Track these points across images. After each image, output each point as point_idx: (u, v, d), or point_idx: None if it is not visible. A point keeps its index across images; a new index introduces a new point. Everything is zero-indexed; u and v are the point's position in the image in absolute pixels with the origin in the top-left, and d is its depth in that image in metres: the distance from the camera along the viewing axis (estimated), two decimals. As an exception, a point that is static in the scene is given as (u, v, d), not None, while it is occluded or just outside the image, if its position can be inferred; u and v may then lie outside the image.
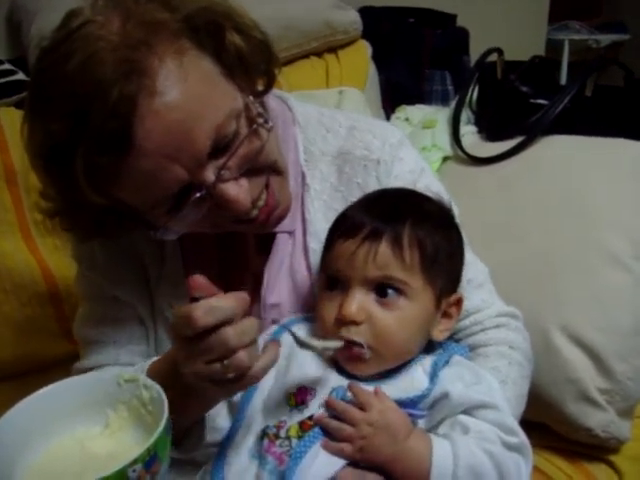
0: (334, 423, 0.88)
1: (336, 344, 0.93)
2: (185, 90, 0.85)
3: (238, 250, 1.13)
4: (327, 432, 0.89)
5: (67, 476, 0.77)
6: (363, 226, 0.94)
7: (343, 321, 0.93)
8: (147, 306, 1.15)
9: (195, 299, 0.81)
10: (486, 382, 0.95)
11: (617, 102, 1.61)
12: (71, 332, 1.26)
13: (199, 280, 0.83)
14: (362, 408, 0.88)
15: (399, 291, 0.94)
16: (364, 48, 2.06)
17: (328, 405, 0.90)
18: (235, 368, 0.81)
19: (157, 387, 0.84)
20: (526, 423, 1.01)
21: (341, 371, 0.97)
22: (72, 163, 0.85)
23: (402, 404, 0.90)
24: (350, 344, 0.93)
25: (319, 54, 2.02)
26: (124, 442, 0.85)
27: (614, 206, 1.39)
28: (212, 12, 0.91)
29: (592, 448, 1.33)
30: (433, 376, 0.92)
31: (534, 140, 1.56)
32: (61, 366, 1.26)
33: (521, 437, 0.92)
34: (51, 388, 0.87)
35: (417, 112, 1.92)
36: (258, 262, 1.12)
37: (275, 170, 1.00)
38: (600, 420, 1.27)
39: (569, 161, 1.49)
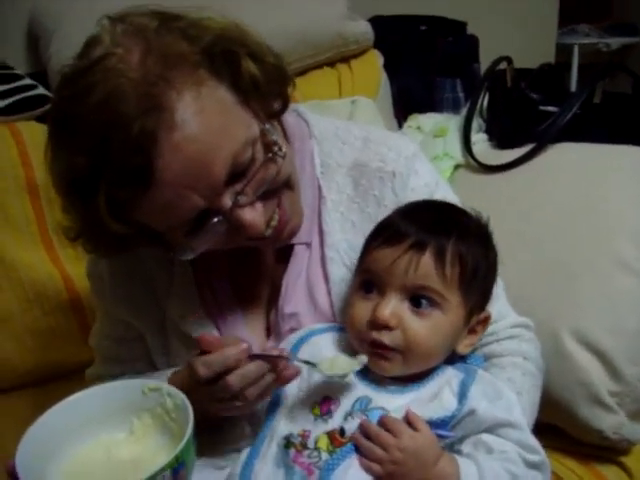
0: (367, 444, 0.90)
1: (344, 372, 0.95)
2: (203, 122, 0.88)
3: (252, 261, 1.15)
4: (359, 450, 0.91)
5: None
6: (408, 235, 0.96)
7: (375, 324, 0.95)
8: (156, 321, 1.17)
9: (204, 352, 0.94)
10: (506, 397, 0.96)
11: (626, 109, 1.62)
12: (91, 339, 1.30)
13: (207, 338, 0.96)
14: (394, 434, 0.90)
15: (434, 303, 0.95)
16: (375, 57, 2.09)
17: (362, 427, 0.91)
18: (240, 401, 0.94)
19: (181, 395, 0.88)
20: (538, 425, 1.04)
21: (364, 377, 0.98)
22: (94, 196, 0.88)
23: (432, 424, 0.91)
24: (379, 347, 0.95)
25: (332, 64, 2.05)
26: (148, 449, 0.89)
27: (624, 212, 1.41)
28: (228, 40, 0.94)
29: (603, 450, 1.34)
30: (462, 397, 0.93)
31: (544, 148, 1.58)
32: (83, 373, 1.30)
33: (541, 454, 0.94)
34: (78, 396, 0.91)
35: (428, 120, 1.94)
36: (276, 273, 1.14)
37: (287, 185, 1.03)
38: (611, 422, 1.29)
39: (580, 168, 1.51)
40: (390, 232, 0.99)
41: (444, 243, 0.95)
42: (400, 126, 2.05)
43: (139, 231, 0.97)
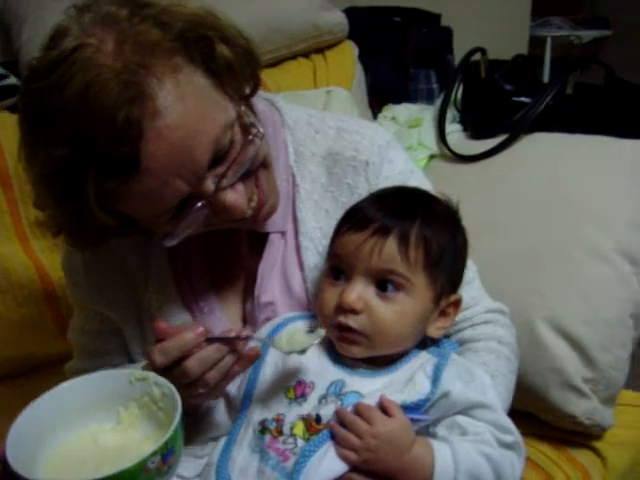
0: (342, 432, 0.90)
1: (302, 347, 0.95)
2: (184, 108, 0.88)
3: (228, 252, 1.16)
4: (335, 437, 0.91)
5: (84, 468, 0.80)
6: (373, 221, 0.97)
7: (342, 308, 0.96)
8: (133, 312, 1.16)
9: (161, 340, 0.93)
10: (480, 379, 0.98)
11: (597, 100, 1.64)
12: (66, 331, 1.29)
13: (161, 325, 0.95)
14: (368, 421, 0.90)
15: (399, 286, 0.96)
16: (350, 48, 2.09)
17: (338, 414, 0.92)
18: (203, 387, 0.93)
19: (168, 384, 0.88)
20: (512, 412, 1.05)
21: (337, 361, 0.99)
22: (81, 188, 0.88)
23: (406, 408, 0.92)
24: (346, 330, 0.96)
25: (306, 55, 2.05)
26: (135, 437, 0.89)
27: (596, 201, 1.42)
28: (200, 25, 0.93)
29: (576, 435, 1.36)
30: (435, 380, 0.94)
31: (518, 138, 1.60)
32: (58, 365, 1.29)
33: (516, 435, 0.95)
34: (65, 386, 0.91)
35: (403, 111, 1.95)
36: (251, 262, 1.14)
37: (263, 165, 1.03)
38: (584, 408, 1.31)
39: (552, 158, 1.52)
40: (357, 218, 1.00)
41: (408, 227, 0.97)
42: (375, 117, 2.06)
43: (124, 222, 0.97)
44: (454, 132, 1.77)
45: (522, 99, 1.68)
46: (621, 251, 1.37)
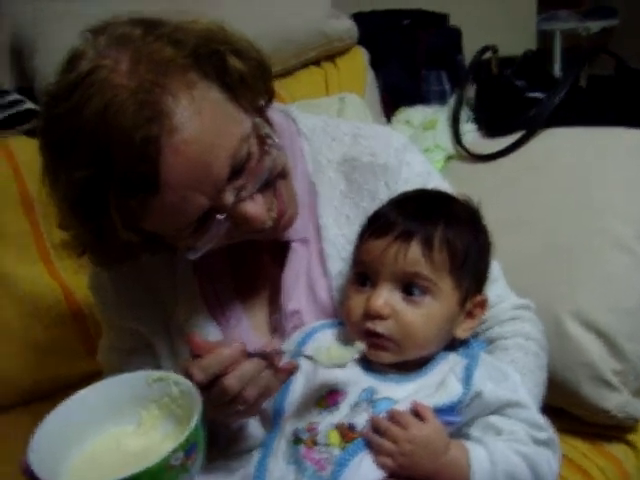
0: (377, 439, 0.90)
1: (344, 361, 0.95)
2: (200, 123, 0.89)
3: (252, 261, 1.16)
4: (370, 445, 0.91)
5: (107, 473, 0.80)
6: (395, 225, 0.97)
7: (369, 314, 0.96)
8: (162, 326, 1.17)
9: (197, 355, 0.92)
10: (511, 378, 0.97)
11: (611, 91, 1.64)
12: (94, 351, 1.30)
13: (196, 340, 0.93)
14: (402, 427, 0.90)
15: (425, 290, 0.96)
16: (361, 54, 2.09)
17: (372, 422, 0.92)
18: (242, 404, 0.92)
19: (187, 382, 0.88)
20: (543, 408, 1.05)
21: (367, 369, 0.99)
22: (105, 209, 0.89)
23: (439, 411, 0.92)
24: (374, 336, 0.96)
25: (317, 63, 2.05)
26: (156, 438, 0.89)
27: (617, 192, 1.42)
28: (212, 41, 0.94)
29: (610, 429, 1.36)
30: (466, 381, 0.94)
31: (534, 133, 1.59)
32: (86, 385, 1.29)
33: (550, 432, 0.95)
34: (84, 392, 0.91)
35: (417, 114, 1.95)
36: (276, 271, 1.14)
37: (281, 175, 1.04)
38: (616, 401, 1.30)
39: (571, 152, 1.52)
40: (379, 223, 1.00)
41: (431, 230, 0.97)
42: (389, 121, 2.06)
43: (147, 238, 0.98)
44: (469, 132, 1.76)
45: (535, 94, 1.68)
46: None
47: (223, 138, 0.91)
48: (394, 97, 2.21)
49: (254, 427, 1.06)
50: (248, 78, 0.97)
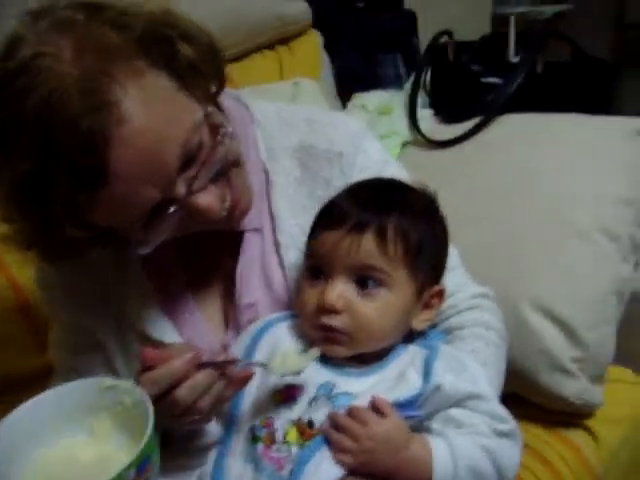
0: (337, 436, 0.88)
1: (297, 369, 0.93)
2: (150, 113, 0.85)
3: (205, 252, 1.13)
4: (330, 442, 0.90)
5: None
6: (349, 217, 0.95)
7: (323, 308, 0.94)
8: (113, 323, 1.13)
9: (149, 367, 0.89)
10: (471, 369, 0.96)
11: (567, 78, 1.64)
12: (44, 345, 1.26)
13: (147, 352, 0.91)
14: (361, 423, 0.88)
15: (380, 282, 0.94)
16: (315, 38, 2.06)
17: (331, 418, 0.90)
18: (196, 414, 0.91)
19: (139, 391, 0.86)
20: (502, 395, 1.05)
21: (325, 362, 0.97)
22: (49, 202, 0.85)
23: (399, 406, 0.91)
24: (329, 330, 0.95)
25: (271, 47, 2.01)
26: (109, 449, 0.87)
27: (572, 179, 1.42)
28: (161, 25, 0.91)
29: (568, 415, 1.36)
30: (426, 374, 0.93)
31: (491, 120, 1.58)
32: (40, 381, 1.22)
33: (511, 423, 0.94)
34: (34, 401, 0.88)
35: (373, 98, 1.92)
36: (229, 263, 1.11)
37: (235, 164, 1.01)
38: (574, 388, 1.31)
39: (526, 138, 1.52)
40: (333, 214, 0.98)
41: (385, 220, 0.95)
42: (344, 106, 2.03)
43: (96, 233, 0.94)
44: (426, 117, 1.75)
45: (491, 80, 1.67)
46: (600, 228, 1.36)
47: (173, 128, 0.88)
48: (349, 81, 2.19)
49: (211, 424, 1.02)
50: (199, 64, 0.94)
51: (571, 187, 1.40)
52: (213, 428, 1.02)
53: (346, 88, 2.15)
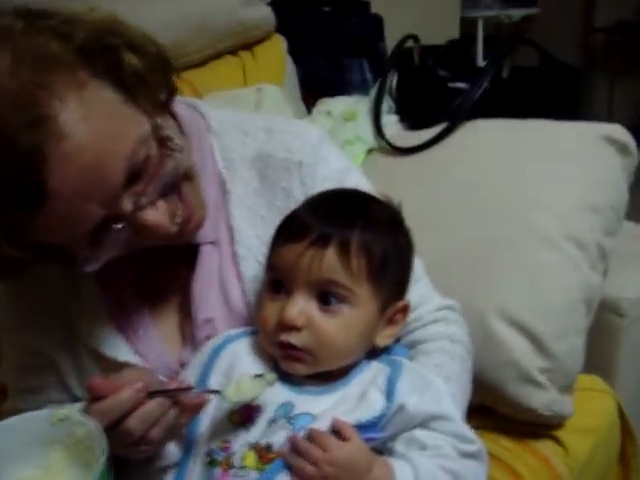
0: (296, 461, 0.86)
1: (252, 395, 0.90)
2: (91, 128, 0.82)
3: (159, 266, 1.10)
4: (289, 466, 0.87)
5: None
6: (311, 229, 0.91)
7: (283, 325, 0.91)
8: (65, 342, 1.10)
9: (99, 397, 0.86)
10: (434, 387, 0.94)
11: (534, 83, 1.63)
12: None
13: (95, 383, 0.87)
14: (322, 448, 0.86)
15: (342, 298, 0.91)
16: (279, 43, 2.03)
17: (290, 443, 0.87)
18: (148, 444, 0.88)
19: (91, 423, 0.83)
20: (470, 407, 1.04)
21: (284, 381, 0.94)
22: None
23: (361, 427, 0.88)
24: (288, 347, 0.92)
25: (234, 52, 1.97)
26: None
27: (539, 186, 1.39)
28: (104, 33, 0.88)
29: (537, 426, 1.33)
30: (389, 394, 0.91)
31: (457, 126, 1.56)
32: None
33: (477, 444, 0.92)
34: None
35: (338, 104, 1.88)
36: (185, 277, 1.08)
37: (186, 177, 0.98)
38: (543, 399, 1.28)
39: (493, 145, 1.50)
40: (294, 227, 0.95)
41: (348, 234, 0.91)
42: (309, 111, 2.00)
43: (38, 252, 0.90)
44: (391, 124, 1.72)
45: (457, 85, 1.65)
46: (568, 236, 1.34)
47: (118, 142, 0.85)
48: (315, 87, 2.17)
49: (169, 445, 0.98)
50: (145, 74, 0.91)
51: (538, 194, 1.38)
52: (172, 449, 0.98)
53: (312, 93, 2.12)
